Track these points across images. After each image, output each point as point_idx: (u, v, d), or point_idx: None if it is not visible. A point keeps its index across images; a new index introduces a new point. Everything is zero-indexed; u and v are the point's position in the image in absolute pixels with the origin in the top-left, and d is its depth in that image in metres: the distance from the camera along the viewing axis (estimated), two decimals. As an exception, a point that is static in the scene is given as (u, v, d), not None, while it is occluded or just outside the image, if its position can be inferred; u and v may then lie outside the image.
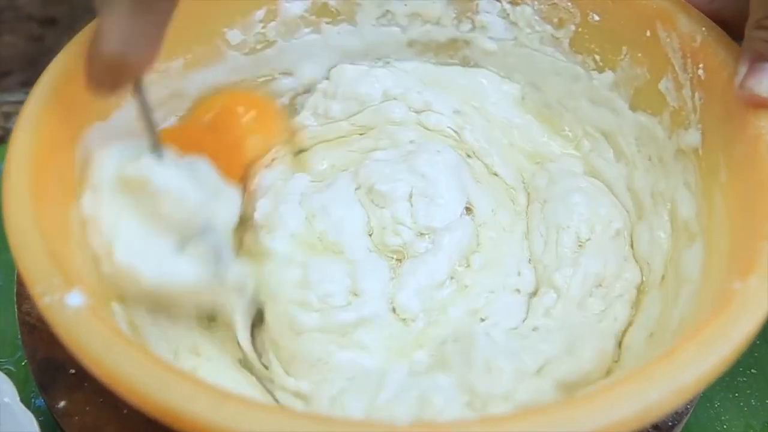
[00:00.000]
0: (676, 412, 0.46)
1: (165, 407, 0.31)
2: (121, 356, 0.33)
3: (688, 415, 0.47)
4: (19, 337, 0.49)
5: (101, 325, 0.34)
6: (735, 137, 0.43)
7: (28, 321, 0.49)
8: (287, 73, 0.60)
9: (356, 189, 0.53)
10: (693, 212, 0.47)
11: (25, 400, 0.46)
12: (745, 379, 0.56)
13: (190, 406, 0.31)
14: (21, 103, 0.43)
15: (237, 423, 0.30)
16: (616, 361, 0.45)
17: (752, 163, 0.41)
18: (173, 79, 0.52)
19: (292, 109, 0.61)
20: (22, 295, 0.50)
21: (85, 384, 0.46)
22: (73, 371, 0.46)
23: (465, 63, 0.61)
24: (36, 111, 0.42)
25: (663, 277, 0.48)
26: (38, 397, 0.52)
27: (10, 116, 0.66)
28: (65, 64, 0.44)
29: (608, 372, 0.44)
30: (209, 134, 0.53)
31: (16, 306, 0.50)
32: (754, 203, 0.40)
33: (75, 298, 0.34)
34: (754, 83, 0.42)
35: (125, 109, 0.48)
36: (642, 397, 0.31)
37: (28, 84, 0.41)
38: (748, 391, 0.55)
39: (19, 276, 0.50)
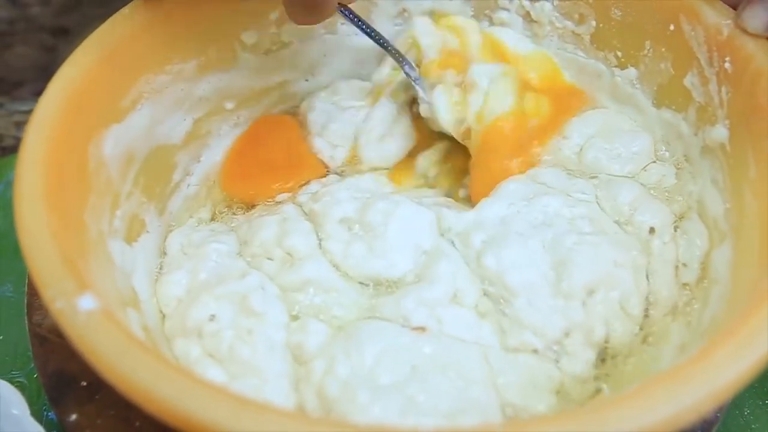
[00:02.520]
0: (705, 421, 0.44)
1: (181, 413, 0.30)
2: (134, 361, 0.32)
3: (718, 424, 0.45)
4: (30, 349, 0.48)
5: (114, 329, 0.33)
6: (764, 131, 0.42)
7: (38, 333, 0.48)
8: (304, 75, 0.60)
9: None
10: (722, 210, 0.45)
11: (37, 413, 0.46)
12: (775, 384, 0.54)
13: (208, 413, 0.30)
14: (33, 112, 0.42)
15: (256, 429, 0.30)
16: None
17: (783, 158, 0.40)
18: (188, 81, 0.52)
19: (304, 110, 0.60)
20: (33, 306, 0.49)
21: (97, 397, 0.45)
22: (84, 384, 0.45)
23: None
24: (47, 115, 0.41)
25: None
26: (50, 410, 0.51)
27: (22, 126, 0.65)
28: (77, 69, 0.44)
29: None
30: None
31: (26, 317, 0.49)
32: (786, 199, 0.38)
33: (87, 302, 0.34)
34: (748, 16, 0.43)
35: (140, 112, 0.48)
36: (675, 400, 0.30)
37: (40, 94, 0.41)
38: (779, 398, 0.53)
39: (30, 286, 0.49)
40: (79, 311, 0.33)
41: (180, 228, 0.52)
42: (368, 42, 0.57)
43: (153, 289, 0.47)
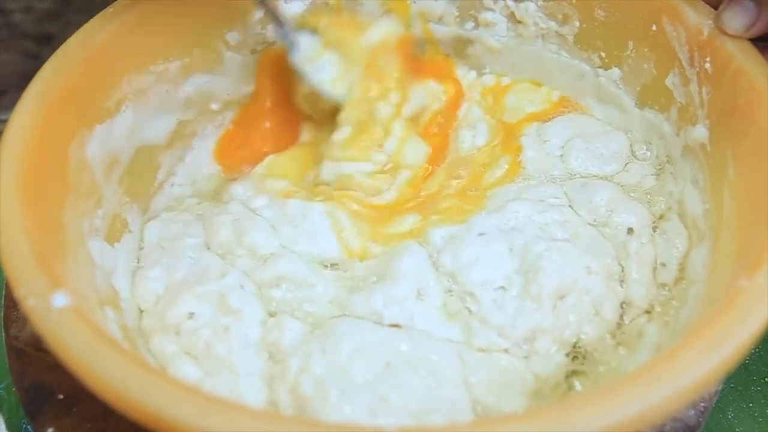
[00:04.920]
0: (688, 425, 0.44)
1: (150, 411, 0.30)
2: (105, 359, 0.32)
3: (701, 428, 0.45)
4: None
5: (86, 327, 0.33)
6: (743, 132, 0.42)
7: (15, 345, 0.48)
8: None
9: None
10: (701, 211, 0.45)
11: (15, 426, 0.45)
12: (759, 388, 0.53)
13: (176, 410, 0.30)
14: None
15: (223, 428, 0.30)
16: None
17: (760, 158, 0.40)
18: (172, 82, 0.52)
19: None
20: (10, 319, 0.49)
21: (74, 410, 0.44)
22: (61, 397, 0.45)
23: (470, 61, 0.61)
24: (27, 115, 0.41)
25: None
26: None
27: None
28: (58, 69, 0.44)
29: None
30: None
31: (3, 330, 0.49)
32: (762, 199, 0.38)
33: (60, 300, 0.34)
34: (728, 17, 0.43)
35: (123, 113, 0.48)
36: (643, 398, 0.30)
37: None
38: (763, 401, 0.53)
39: (6, 299, 0.49)
40: (51, 309, 0.33)
41: (157, 219, 0.52)
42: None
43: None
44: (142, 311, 0.46)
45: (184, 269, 0.47)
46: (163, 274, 0.47)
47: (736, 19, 0.43)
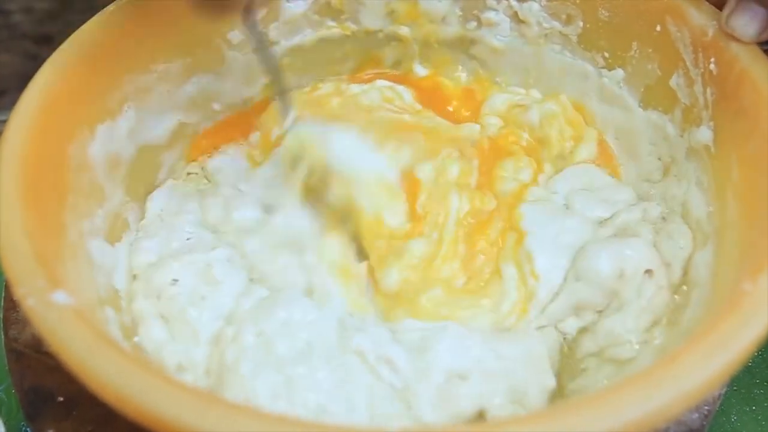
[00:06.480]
0: (691, 429, 0.44)
1: (148, 411, 0.30)
2: (103, 358, 0.32)
3: (705, 431, 0.45)
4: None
5: (85, 326, 0.33)
6: (747, 134, 0.42)
7: (15, 348, 0.47)
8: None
9: None
10: (705, 213, 0.45)
11: (15, 429, 0.45)
12: (762, 391, 0.53)
13: (175, 411, 0.30)
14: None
15: (223, 428, 0.29)
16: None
17: (765, 160, 0.39)
18: (174, 82, 0.52)
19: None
20: (9, 321, 0.49)
21: (74, 413, 0.44)
22: (61, 399, 0.44)
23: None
24: (27, 115, 0.41)
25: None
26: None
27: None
28: (58, 68, 0.43)
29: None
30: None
31: (2, 332, 0.49)
32: (766, 201, 0.38)
33: (60, 299, 0.34)
34: (736, 23, 0.42)
35: (125, 113, 0.48)
36: (646, 402, 0.29)
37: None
38: (766, 404, 0.52)
39: (6, 300, 0.49)
40: (51, 308, 0.33)
41: (160, 189, 0.53)
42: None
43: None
44: (134, 276, 0.47)
45: (179, 242, 0.49)
46: (158, 246, 0.49)
47: (749, 26, 0.42)
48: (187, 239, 0.49)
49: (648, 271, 0.45)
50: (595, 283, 0.45)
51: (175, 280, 0.46)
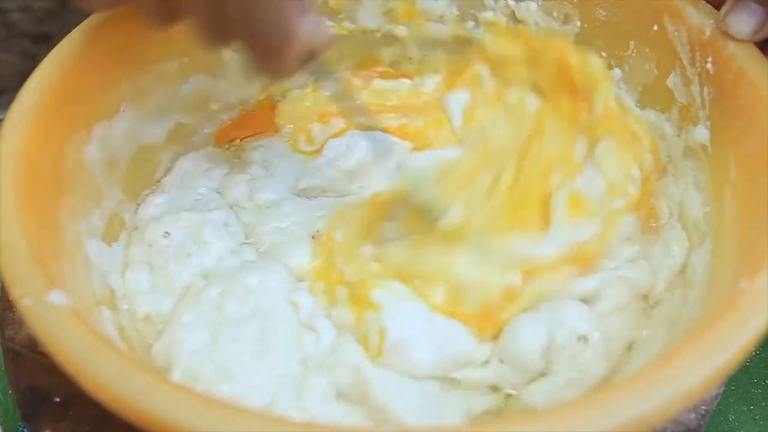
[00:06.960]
0: (689, 428, 0.44)
1: (145, 411, 0.30)
2: (100, 359, 0.32)
3: (702, 431, 0.44)
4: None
5: (82, 326, 0.33)
6: (745, 133, 0.42)
7: (11, 347, 0.47)
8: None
9: None
10: (702, 212, 0.45)
11: (11, 429, 0.45)
12: (759, 390, 0.53)
13: (172, 412, 0.30)
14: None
15: (221, 428, 0.29)
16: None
17: (762, 159, 0.39)
18: (172, 82, 0.52)
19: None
20: (6, 320, 0.48)
21: (71, 413, 0.44)
22: (57, 400, 0.44)
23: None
24: (23, 114, 0.40)
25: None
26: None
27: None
28: (54, 67, 0.43)
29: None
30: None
31: (-1, 331, 0.48)
32: (764, 200, 0.38)
33: (56, 299, 0.33)
34: (734, 20, 0.42)
35: (122, 113, 0.48)
36: (642, 401, 0.29)
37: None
38: (764, 404, 0.52)
39: (2, 300, 0.49)
40: (47, 308, 0.33)
41: (195, 152, 0.55)
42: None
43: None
44: (136, 227, 0.50)
45: (187, 201, 0.51)
46: (167, 202, 0.51)
47: (745, 24, 0.42)
48: (196, 200, 0.51)
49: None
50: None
51: (168, 233, 0.48)
